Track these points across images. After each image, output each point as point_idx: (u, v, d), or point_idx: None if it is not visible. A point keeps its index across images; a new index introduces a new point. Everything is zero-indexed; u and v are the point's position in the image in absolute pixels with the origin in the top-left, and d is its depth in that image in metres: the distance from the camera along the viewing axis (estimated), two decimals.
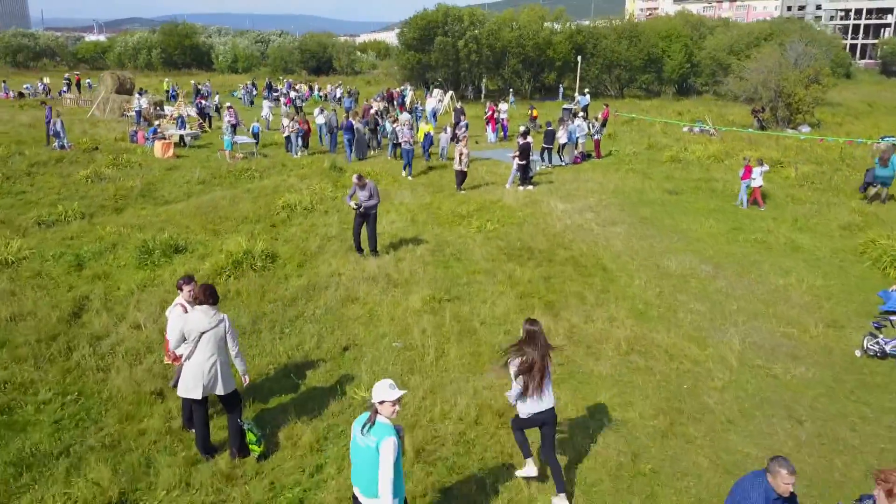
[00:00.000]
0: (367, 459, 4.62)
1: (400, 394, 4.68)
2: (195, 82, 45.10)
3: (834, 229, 15.95)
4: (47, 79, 51.22)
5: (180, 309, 6.79)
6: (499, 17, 51.34)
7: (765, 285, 11.95)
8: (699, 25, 58.85)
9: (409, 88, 41.15)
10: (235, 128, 27.15)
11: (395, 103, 37.45)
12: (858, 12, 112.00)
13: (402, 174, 20.93)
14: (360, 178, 12.33)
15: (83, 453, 6.68)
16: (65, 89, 44.82)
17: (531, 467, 6.28)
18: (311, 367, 8.48)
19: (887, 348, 9.05)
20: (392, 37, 56.05)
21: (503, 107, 31.65)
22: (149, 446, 6.79)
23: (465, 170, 19.08)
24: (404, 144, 21.36)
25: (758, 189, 18.23)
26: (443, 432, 7.14)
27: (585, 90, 41.08)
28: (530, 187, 19.70)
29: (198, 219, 15.41)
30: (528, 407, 5.89)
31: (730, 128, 34.21)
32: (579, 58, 44.41)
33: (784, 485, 4.48)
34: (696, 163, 24.23)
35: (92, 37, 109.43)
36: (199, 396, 6.26)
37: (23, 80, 52.46)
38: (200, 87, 45.00)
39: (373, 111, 27.84)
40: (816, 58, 38.28)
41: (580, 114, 28.08)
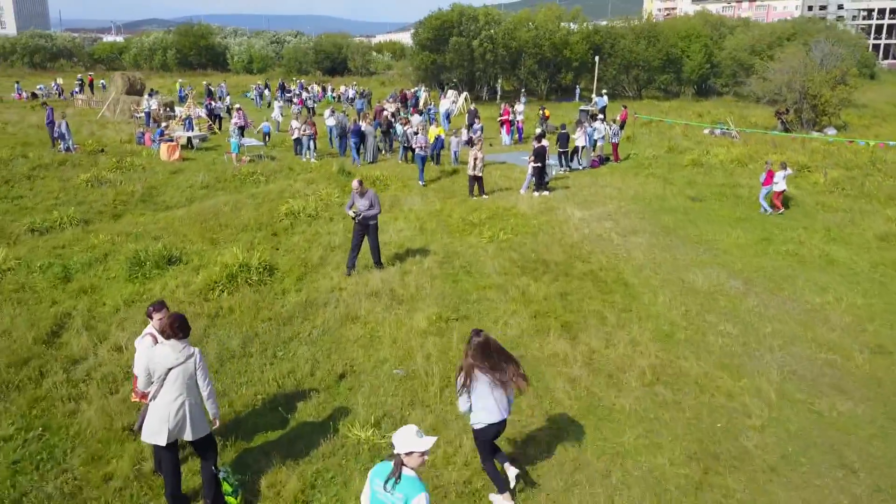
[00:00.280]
0: None
1: (430, 442, 4.01)
2: (207, 83, 44.57)
3: (870, 240, 14.96)
4: (60, 79, 51.04)
5: (150, 340, 6.02)
6: (515, 17, 50.39)
7: (800, 304, 11.01)
8: (719, 25, 57.63)
9: (424, 89, 40.32)
10: (243, 130, 26.56)
11: (408, 105, 36.69)
12: (882, 12, 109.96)
13: (419, 183, 19.70)
14: (360, 184, 11.43)
15: (40, 503, 5.94)
16: (77, 90, 44.50)
17: (512, 470, 6.01)
18: (303, 398, 7.69)
19: None
20: (408, 37, 55.20)
21: (519, 108, 30.73)
22: (113, 495, 6.00)
23: (480, 175, 18.22)
24: (418, 150, 20.26)
25: (780, 193, 17.43)
26: (445, 480, 6.30)
27: (603, 91, 40.04)
28: (546, 193, 18.86)
29: (197, 226, 14.71)
30: (482, 417, 5.72)
31: (754, 129, 33.12)
32: (597, 58, 43.35)
33: None
34: (718, 167, 23.24)
35: (109, 38, 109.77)
36: (163, 442, 5.47)
37: (39, 81, 52.29)
38: (214, 88, 44.53)
39: (385, 113, 27.10)
40: (843, 58, 37.07)
41: (598, 116, 27.15)
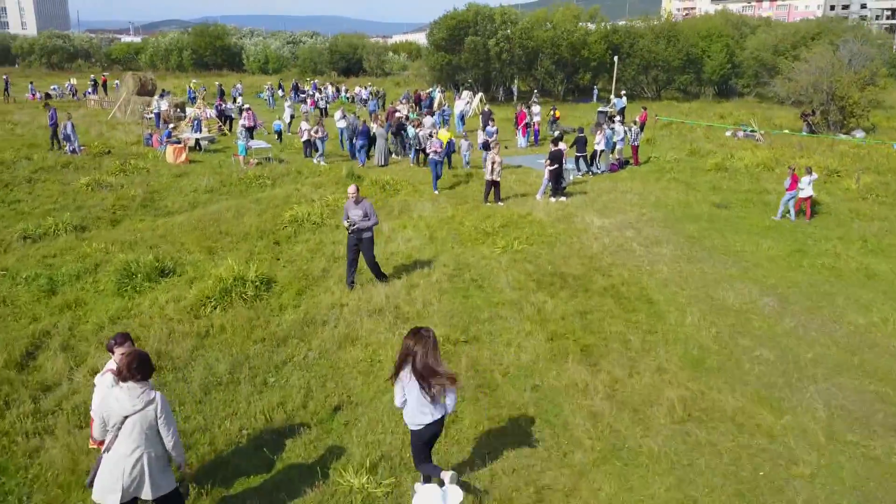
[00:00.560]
0: None
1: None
2: (219, 83, 44.12)
3: None
4: (74, 80, 50.86)
5: (110, 377, 5.27)
6: (532, 16, 49.43)
7: (842, 325, 10.08)
8: (740, 24, 56.29)
9: (439, 90, 39.50)
10: (252, 131, 25.96)
11: (421, 106, 35.89)
12: None
13: (433, 191, 18.63)
14: (356, 191, 10.57)
15: None
16: (90, 90, 44.22)
17: (447, 473, 5.73)
18: (293, 434, 6.90)
19: None
20: (425, 38, 54.44)
21: (535, 109, 29.83)
22: None
23: (498, 179, 17.33)
24: (432, 155, 18.88)
25: (807, 200, 16.50)
26: None
27: (622, 92, 39.00)
28: (563, 199, 17.99)
29: (196, 234, 14.01)
30: (416, 418, 5.56)
31: (780, 131, 31.99)
32: (616, 58, 42.29)
33: None
34: (744, 171, 22.24)
35: (127, 38, 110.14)
36: (115, 502, 4.72)
37: (55, 82, 52.12)
38: (230, 88, 44.07)
39: (397, 115, 26.35)
40: (872, 57, 35.78)
41: (616, 117, 26.21)
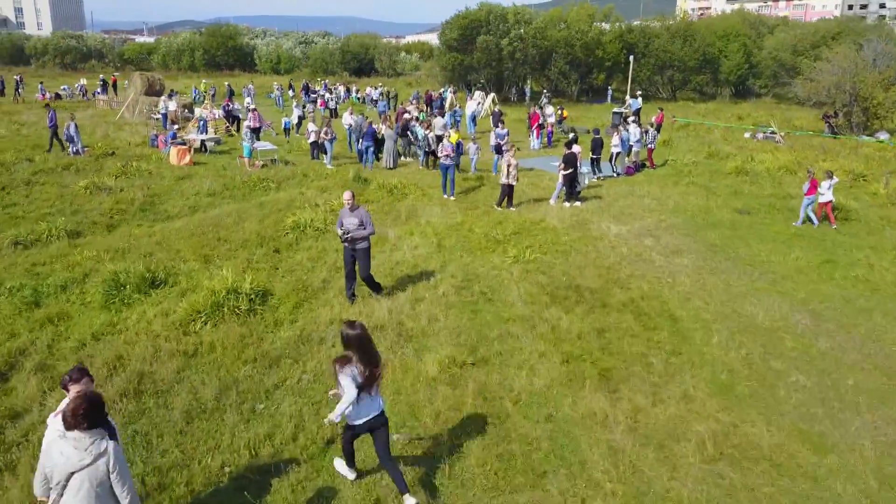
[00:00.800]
0: None
1: None
2: (228, 84, 43.70)
3: None
4: (85, 80, 50.59)
5: (61, 423, 4.62)
6: (546, 16, 48.61)
7: (882, 346, 9.29)
8: (758, 24, 55.19)
9: (451, 90, 38.79)
10: (258, 132, 25.38)
11: (432, 107, 35.18)
12: None
13: (444, 196, 17.75)
14: (352, 197, 9.85)
15: None
16: (99, 91, 43.92)
17: (353, 473, 6.18)
18: (279, 473, 6.22)
19: None
20: (437, 38, 53.79)
21: (549, 110, 29.06)
22: None
23: (514, 183, 16.57)
24: (444, 159, 17.74)
25: (828, 204, 15.81)
26: None
27: (637, 92, 38.11)
28: (578, 203, 17.26)
29: (193, 240, 13.40)
30: (360, 412, 5.64)
31: (804, 132, 31.03)
32: (631, 58, 41.41)
33: None
34: (765, 175, 21.40)
35: (141, 39, 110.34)
36: None
37: (68, 82, 51.86)
38: (241, 89, 43.65)
39: (406, 116, 25.68)
40: None
41: (631, 118, 25.43)
